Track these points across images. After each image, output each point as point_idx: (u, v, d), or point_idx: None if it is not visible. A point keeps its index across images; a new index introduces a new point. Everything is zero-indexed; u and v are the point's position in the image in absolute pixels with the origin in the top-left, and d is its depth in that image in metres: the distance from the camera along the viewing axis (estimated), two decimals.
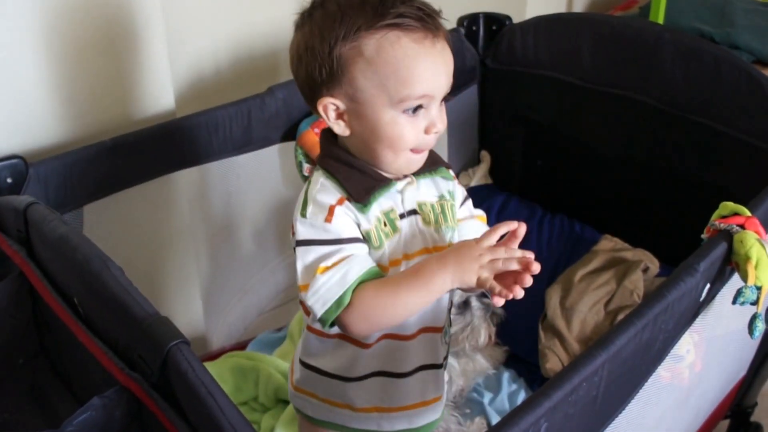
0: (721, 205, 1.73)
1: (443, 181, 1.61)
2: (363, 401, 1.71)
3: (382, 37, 1.43)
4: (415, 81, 1.43)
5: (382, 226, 1.53)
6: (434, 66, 1.45)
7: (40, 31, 1.99)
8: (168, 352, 1.25)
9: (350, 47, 1.44)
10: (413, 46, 1.42)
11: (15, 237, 1.65)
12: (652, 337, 1.49)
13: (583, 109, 2.74)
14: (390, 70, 1.43)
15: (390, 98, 1.44)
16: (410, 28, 1.42)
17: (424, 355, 1.68)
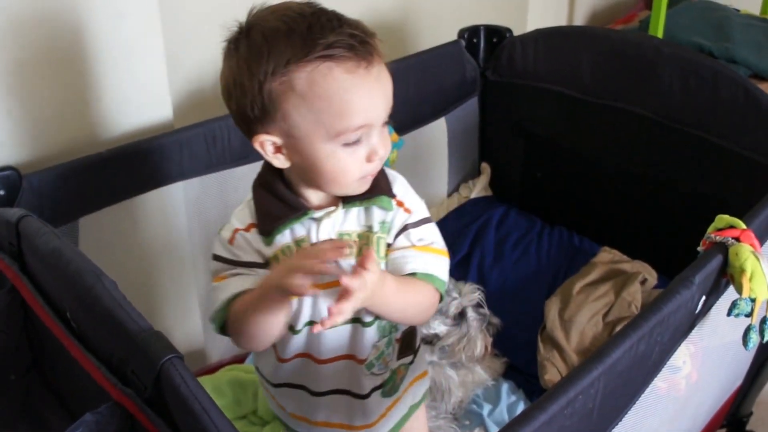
0: (717, 218, 1.73)
1: (380, 210, 1.56)
2: (289, 407, 1.78)
3: (313, 69, 1.38)
4: (351, 113, 1.39)
5: (292, 255, 1.54)
6: (370, 94, 1.41)
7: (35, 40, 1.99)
8: (161, 367, 1.24)
9: (280, 82, 1.40)
10: (346, 77, 1.38)
11: (7, 250, 1.64)
12: (648, 349, 1.49)
13: (583, 122, 2.75)
14: (324, 104, 1.39)
15: (327, 132, 1.41)
16: (341, 57, 1.38)
17: (345, 380, 1.70)
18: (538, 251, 2.88)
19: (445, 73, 2.83)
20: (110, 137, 2.17)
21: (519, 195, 3.09)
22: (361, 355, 1.67)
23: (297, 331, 1.62)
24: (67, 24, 2.02)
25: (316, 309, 1.59)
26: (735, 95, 2.33)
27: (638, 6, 4.44)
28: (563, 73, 2.74)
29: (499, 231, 2.97)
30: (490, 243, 2.91)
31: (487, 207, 3.06)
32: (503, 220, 3.03)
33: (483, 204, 3.08)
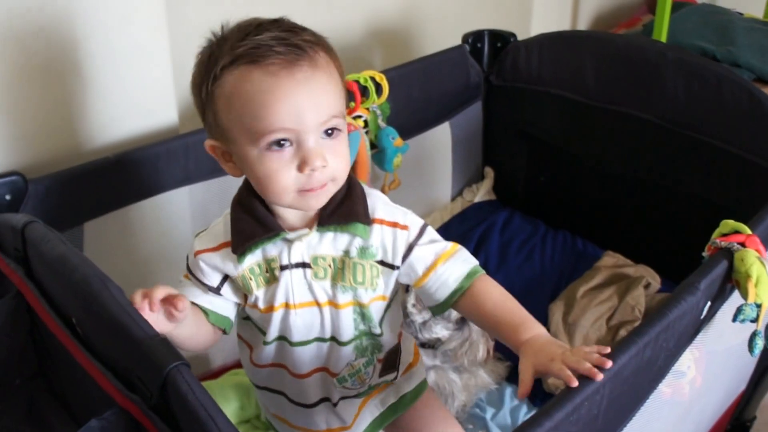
0: (722, 223, 1.73)
1: (355, 238, 1.56)
2: (272, 408, 1.83)
3: (238, 72, 1.40)
4: (267, 115, 1.39)
5: (261, 272, 1.57)
6: (290, 98, 1.39)
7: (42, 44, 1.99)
8: (168, 374, 1.24)
9: (215, 86, 1.43)
10: (265, 79, 1.38)
11: (13, 256, 1.64)
12: (653, 355, 1.48)
13: (587, 126, 2.75)
14: (243, 106, 1.40)
15: (250, 135, 1.42)
16: (263, 59, 1.39)
17: (320, 391, 1.73)
18: (542, 255, 2.89)
19: (449, 77, 2.84)
20: (116, 142, 2.17)
21: (523, 199, 3.10)
22: (335, 369, 1.69)
23: (267, 343, 1.65)
24: (74, 28, 2.02)
25: (286, 325, 1.61)
26: (739, 99, 2.33)
27: (641, 10, 4.44)
28: (567, 78, 2.74)
29: (502, 235, 2.97)
30: (493, 247, 2.91)
31: (491, 211, 3.06)
32: (507, 224, 3.03)
33: (487, 208, 3.09)
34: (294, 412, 1.76)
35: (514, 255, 2.88)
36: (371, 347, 1.70)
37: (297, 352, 1.64)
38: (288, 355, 1.65)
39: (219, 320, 1.60)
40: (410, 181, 2.75)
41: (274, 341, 1.64)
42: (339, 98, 1.47)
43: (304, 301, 1.59)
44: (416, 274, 1.59)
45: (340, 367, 1.69)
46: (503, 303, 1.55)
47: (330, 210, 1.53)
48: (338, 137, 1.46)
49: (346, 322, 1.63)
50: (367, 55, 3.04)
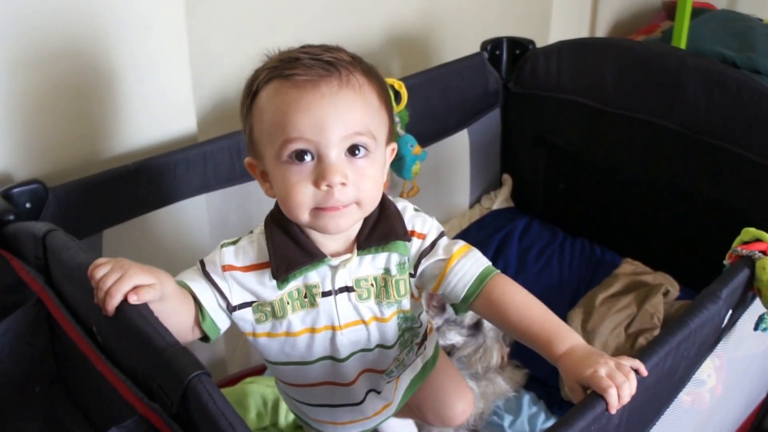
0: (743, 231, 1.72)
1: (397, 255, 1.55)
2: (313, 415, 1.81)
3: (270, 86, 1.42)
4: (289, 125, 1.39)
5: (300, 298, 1.55)
6: (313, 110, 1.38)
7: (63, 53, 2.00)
8: (189, 383, 1.24)
9: (253, 102, 1.45)
10: (292, 93, 1.39)
11: (33, 263, 1.64)
12: (674, 364, 1.48)
13: (606, 134, 2.74)
14: (270, 118, 1.41)
15: (273, 147, 1.42)
16: (294, 75, 1.39)
17: (368, 386, 1.73)
18: (561, 263, 2.88)
19: (468, 85, 2.83)
20: (135, 150, 2.18)
21: (541, 206, 3.09)
22: (382, 367, 1.70)
23: (310, 363, 1.63)
24: (95, 38, 2.03)
25: (333, 346, 1.60)
26: (759, 106, 2.32)
27: (660, 17, 4.43)
28: (586, 85, 2.73)
29: (521, 242, 2.97)
30: (512, 254, 2.90)
31: (509, 218, 3.06)
32: (525, 231, 3.02)
33: (505, 215, 3.08)
34: (341, 412, 1.76)
35: (533, 262, 2.88)
36: (411, 337, 1.71)
37: (344, 366, 1.64)
38: (336, 370, 1.65)
39: (211, 328, 1.55)
40: (428, 188, 2.75)
41: (320, 360, 1.63)
42: (371, 118, 1.45)
43: (349, 321, 1.58)
44: (431, 280, 1.58)
45: (387, 365, 1.70)
46: (528, 307, 1.52)
47: (367, 232, 1.53)
48: (367, 158, 1.44)
49: (392, 329, 1.63)
50: (385, 63, 3.04)
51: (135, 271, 1.37)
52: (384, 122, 1.49)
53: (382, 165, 1.51)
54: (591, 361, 1.35)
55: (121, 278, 1.35)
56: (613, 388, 1.29)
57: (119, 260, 1.39)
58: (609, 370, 1.31)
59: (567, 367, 1.39)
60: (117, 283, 1.34)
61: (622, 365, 1.33)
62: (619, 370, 1.31)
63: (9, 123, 1.98)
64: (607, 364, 1.33)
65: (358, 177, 1.43)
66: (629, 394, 1.30)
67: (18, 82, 1.96)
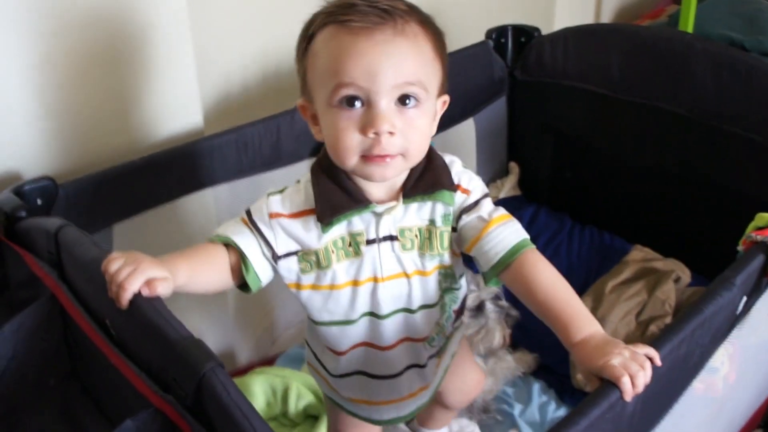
0: (757, 217, 1.72)
1: (442, 205, 1.55)
2: (348, 393, 1.79)
3: (326, 31, 1.42)
4: (341, 71, 1.39)
5: (344, 246, 1.54)
6: (365, 56, 1.38)
7: (69, 51, 2.00)
8: (203, 375, 1.24)
9: (309, 46, 1.46)
10: (346, 38, 1.39)
11: (46, 259, 1.65)
12: (688, 351, 1.48)
13: (613, 120, 2.73)
14: (324, 62, 1.42)
15: (325, 91, 1.42)
16: (350, 22, 1.39)
17: (407, 359, 1.71)
18: (569, 251, 2.87)
19: (474, 73, 2.83)
20: (142, 145, 2.19)
21: (548, 194, 3.08)
22: (423, 334, 1.68)
23: (353, 321, 1.62)
24: (98, 35, 2.03)
25: (375, 300, 1.59)
26: None
27: (665, 0, 4.41)
28: (593, 72, 2.72)
29: (529, 231, 2.90)
30: None
31: (517, 207, 3.05)
32: (533, 219, 3.02)
33: (512, 204, 3.07)
34: (377, 386, 1.74)
35: (541, 251, 2.85)
36: (450, 301, 1.69)
37: (384, 325, 1.62)
38: (376, 330, 1.63)
39: (254, 280, 1.55)
40: None
41: (362, 317, 1.62)
42: (424, 69, 1.45)
43: (392, 273, 1.56)
44: (468, 238, 1.56)
45: (428, 330, 1.68)
46: (553, 287, 1.51)
47: (413, 181, 1.52)
48: (417, 108, 1.44)
49: (433, 285, 1.62)
50: None
51: (148, 264, 1.37)
52: (437, 73, 1.49)
53: (432, 116, 1.51)
54: (605, 351, 1.34)
55: (134, 271, 1.35)
56: (627, 376, 1.28)
57: (132, 254, 1.39)
58: (623, 360, 1.31)
59: (581, 355, 1.39)
60: (130, 276, 1.34)
61: (637, 354, 1.32)
62: (634, 359, 1.31)
63: (19, 121, 1.98)
64: (621, 354, 1.32)
65: (407, 127, 1.42)
66: (644, 382, 1.29)
67: (26, 82, 1.96)
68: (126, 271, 1.35)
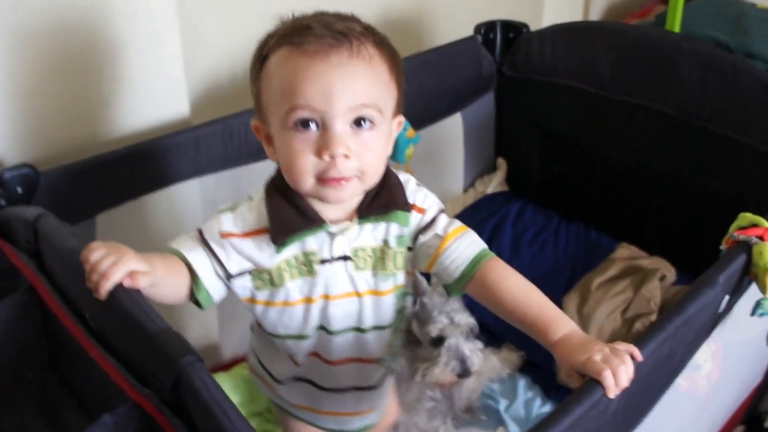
0: (740, 216, 1.71)
1: (396, 226, 1.56)
2: (294, 399, 1.81)
3: (280, 52, 1.42)
4: (296, 92, 1.39)
5: (298, 265, 1.55)
6: (321, 78, 1.38)
7: (52, 37, 1.99)
8: (181, 369, 1.23)
9: (262, 66, 1.45)
10: (301, 60, 1.39)
11: (25, 249, 1.64)
12: (671, 350, 1.47)
13: (600, 118, 2.74)
14: (279, 84, 1.42)
15: (280, 114, 1.42)
16: (304, 41, 1.39)
17: (353, 380, 1.74)
18: (556, 247, 2.87)
19: (462, 68, 2.82)
20: (127, 134, 2.17)
21: (536, 190, 3.08)
22: (374, 355, 1.71)
23: (306, 337, 1.64)
24: (84, 21, 2.02)
25: (326, 316, 1.60)
26: (754, 90, 2.32)
27: (653, 0, 4.42)
28: (580, 69, 2.72)
29: (515, 227, 2.96)
30: (506, 239, 2.90)
31: (504, 202, 3.05)
32: (520, 215, 3.02)
33: (499, 199, 3.07)
34: (322, 397, 1.76)
35: (527, 247, 2.87)
36: (399, 321, 1.71)
37: (334, 341, 1.64)
38: (326, 344, 1.65)
39: (205, 298, 1.54)
40: (422, 172, 2.73)
41: (314, 332, 1.63)
42: (379, 91, 1.45)
43: (343, 292, 1.58)
44: (426, 257, 1.58)
45: (379, 351, 1.70)
46: (523, 293, 1.51)
47: (368, 201, 1.53)
48: (373, 130, 1.44)
49: (389, 307, 1.64)
50: None
51: (131, 256, 1.37)
52: (392, 95, 1.49)
53: (387, 137, 1.51)
54: (586, 348, 1.34)
55: (117, 262, 1.34)
56: (608, 371, 1.28)
57: (114, 244, 1.39)
58: (604, 356, 1.31)
59: (562, 353, 1.39)
60: (113, 266, 1.34)
61: (618, 350, 1.32)
62: (615, 355, 1.31)
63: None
64: (602, 350, 1.32)
65: (362, 149, 1.43)
66: (626, 378, 1.29)
67: (7, 66, 1.95)
68: (109, 260, 1.34)
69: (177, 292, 1.52)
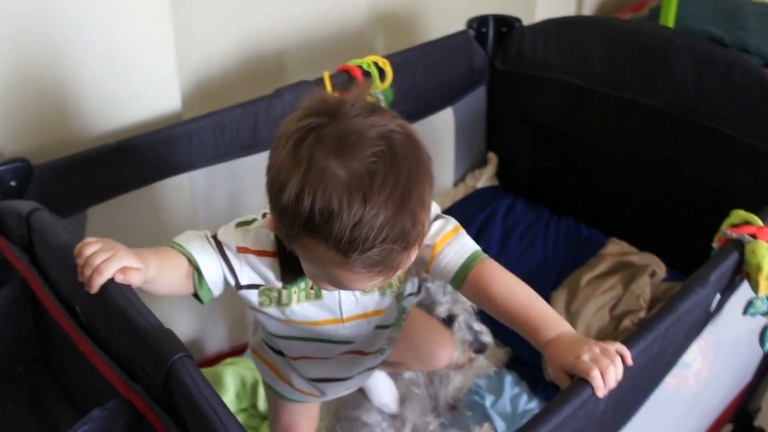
0: (732, 213, 1.71)
1: None
2: (299, 384, 1.83)
3: (326, 253, 1.29)
4: (325, 281, 1.41)
5: (306, 289, 1.55)
6: (357, 285, 1.39)
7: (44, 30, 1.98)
8: (171, 365, 1.24)
9: (303, 234, 1.29)
10: (343, 272, 1.33)
11: (18, 242, 1.64)
12: (662, 349, 1.47)
13: (592, 113, 2.73)
14: (313, 267, 1.38)
15: (306, 268, 1.42)
16: (350, 262, 1.29)
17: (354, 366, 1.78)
18: (545, 242, 2.87)
19: (454, 62, 2.81)
20: (119, 128, 2.17)
21: (526, 185, 3.08)
22: (374, 348, 1.74)
23: (308, 339, 1.66)
24: (78, 17, 2.01)
25: (333, 334, 1.64)
26: (749, 85, 2.31)
27: None
28: (573, 64, 2.72)
29: (505, 222, 2.96)
30: (496, 234, 2.90)
31: (494, 197, 3.05)
32: (510, 210, 3.02)
33: (489, 194, 3.07)
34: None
35: (517, 242, 2.87)
36: (402, 318, 1.74)
37: (337, 345, 1.68)
38: (328, 346, 1.68)
39: (206, 294, 1.54)
40: None
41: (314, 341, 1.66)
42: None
43: (352, 315, 1.60)
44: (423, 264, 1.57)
45: (380, 344, 1.74)
46: (514, 293, 1.50)
47: None
48: None
49: (392, 314, 1.67)
50: (370, 40, 3.02)
51: (125, 253, 1.37)
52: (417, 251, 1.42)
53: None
54: (576, 348, 1.34)
55: (111, 257, 1.35)
56: (596, 371, 1.28)
57: (109, 241, 1.39)
58: (593, 356, 1.31)
59: (552, 354, 1.39)
60: (107, 261, 1.34)
61: (608, 350, 1.32)
62: (605, 355, 1.31)
63: None
64: (591, 350, 1.32)
65: None
66: (614, 378, 1.29)
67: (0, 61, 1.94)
68: (103, 256, 1.35)
69: (176, 286, 1.52)
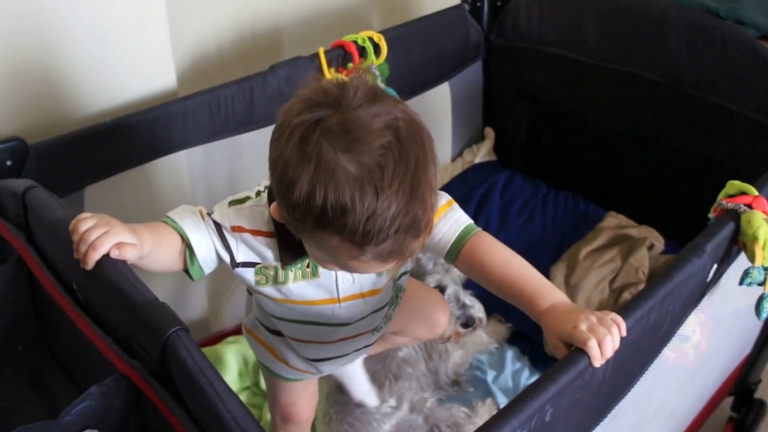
0: (728, 184, 1.70)
1: None
2: (295, 362, 1.84)
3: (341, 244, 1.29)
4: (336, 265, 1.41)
5: (303, 267, 1.55)
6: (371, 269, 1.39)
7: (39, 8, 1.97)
8: (167, 339, 1.24)
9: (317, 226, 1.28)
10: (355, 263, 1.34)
11: (14, 221, 1.63)
12: (659, 319, 1.47)
13: (588, 86, 2.73)
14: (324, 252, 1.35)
15: (312, 251, 1.41)
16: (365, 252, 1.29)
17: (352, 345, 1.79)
18: (544, 216, 2.87)
19: (449, 37, 2.81)
20: (115, 106, 2.17)
21: (524, 160, 3.08)
22: (371, 327, 1.75)
23: (305, 322, 1.67)
24: None
25: (330, 315, 1.64)
26: (744, 57, 2.31)
27: None
28: (568, 37, 2.71)
29: (503, 196, 2.96)
30: (494, 208, 2.90)
31: (492, 172, 3.05)
32: (508, 185, 3.02)
33: (487, 169, 3.07)
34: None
35: (515, 216, 2.87)
36: (397, 292, 1.75)
37: (335, 327, 1.68)
38: (324, 327, 1.68)
39: (197, 272, 1.53)
40: None
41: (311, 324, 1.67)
42: None
43: (349, 294, 1.60)
44: None
45: (377, 323, 1.74)
46: (508, 265, 1.50)
47: None
48: None
49: (387, 293, 1.68)
50: (365, 16, 3.01)
51: (120, 228, 1.37)
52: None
53: None
54: (572, 317, 1.34)
55: (106, 233, 1.34)
56: (593, 340, 1.28)
57: (104, 216, 1.39)
58: (590, 325, 1.31)
59: (549, 323, 1.39)
60: (102, 237, 1.34)
61: (604, 319, 1.32)
62: (601, 324, 1.30)
63: None
64: (588, 319, 1.32)
65: None
66: (611, 347, 1.29)
67: None
68: (98, 231, 1.34)
69: (169, 262, 1.51)
